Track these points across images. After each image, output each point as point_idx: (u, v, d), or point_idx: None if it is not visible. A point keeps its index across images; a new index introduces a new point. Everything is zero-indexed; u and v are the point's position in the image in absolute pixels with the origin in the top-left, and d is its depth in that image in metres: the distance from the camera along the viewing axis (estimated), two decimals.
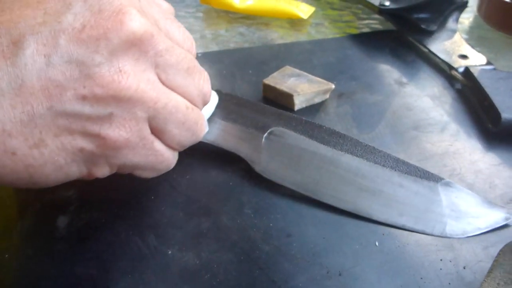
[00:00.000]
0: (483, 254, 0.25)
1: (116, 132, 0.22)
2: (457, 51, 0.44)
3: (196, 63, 0.25)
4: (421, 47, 0.46)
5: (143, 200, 0.29)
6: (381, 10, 0.49)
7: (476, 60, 0.42)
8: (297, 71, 0.39)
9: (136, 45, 0.21)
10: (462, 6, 0.50)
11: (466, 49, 0.44)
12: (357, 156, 0.30)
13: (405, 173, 0.29)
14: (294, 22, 0.54)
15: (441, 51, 0.44)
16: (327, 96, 0.39)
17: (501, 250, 0.23)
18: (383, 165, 0.29)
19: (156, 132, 0.24)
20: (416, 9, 0.47)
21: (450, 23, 0.48)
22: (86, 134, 0.21)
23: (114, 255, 0.26)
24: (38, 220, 0.28)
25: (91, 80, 0.20)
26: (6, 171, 0.20)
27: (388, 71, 0.43)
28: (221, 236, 0.27)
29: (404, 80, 0.42)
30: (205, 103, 0.27)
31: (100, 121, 0.21)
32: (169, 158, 0.26)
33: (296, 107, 0.37)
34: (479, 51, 0.43)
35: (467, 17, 0.54)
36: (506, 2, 0.48)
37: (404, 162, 0.30)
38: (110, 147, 0.22)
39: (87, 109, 0.20)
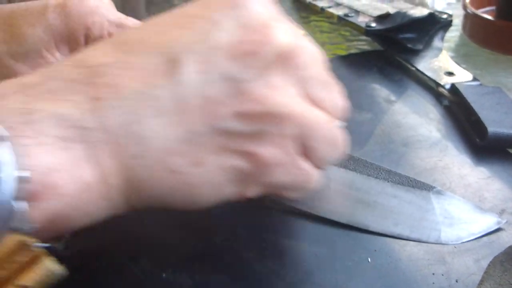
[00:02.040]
0: (475, 267, 0.26)
1: (268, 150, 0.21)
2: (444, 69, 0.44)
3: (331, 76, 0.24)
4: (408, 65, 0.47)
5: (137, 225, 0.29)
6: (368, 32, 0.50)
7: (462, 76, 0.43)
8: None
9: (284, 60, 0.21)
10: (447, 25, 0.51)
11: (452, 66, 0.45)
12: (350, 169, 0.30)
13: (397, 184, 0.30)
14: None
15: (428, 69, 0.45)
16: None
17: (491, 262, 0.23)
18: (376, 177, 0.30)
19: (303, 149, 0.23)
20: (401, 30, 0.48)
21: (436, 42, 0.49)
22: (242, 152, 0.21)
23: (108, 281, 0.26)
24: None
25: (246, 96, 0.20)
26: (166, 190, 0.20)
27: (377, 90, 0.44)
28: (214, 258, 0.27)
29: (393, 98, 0.42)
30: (341, 116, 0.26)
31: (254, 138, 0.21)
32: (315, 176, 0.24)
33: None
34: (465, 68, 0.44)
35: (453, 36, 0.55)
36: (489, 20, 0.50)
37: (396, 173, 0.30)
38: (263, 165, 0.22)
39: (243, 125, 0.20)
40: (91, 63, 0.20)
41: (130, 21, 0.29)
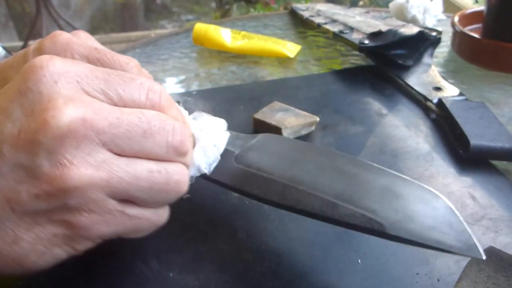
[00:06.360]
0: (455, 267, 0.28)
1: (78, 217, 0.23)
2: (432, 84, 0.47)
3: (158, 118, 0.24)
4: (399, 80, 0.50)
5: None
6: (361, 48, 0.53)
7: (450, 91, 0.46)
8: (284, 106, 0.43)
9: (69, 136, 0.21)
10: (436, 43, 0.54)
11: (440, 81, 0.48)
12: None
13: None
14: (282, 60, 0.58)
15: (417, 84, 0.48)
16: (313, 128, 0.42)
17: (468, 263, 0.26)
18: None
19: (125, 200, 0.24)
20: (393, 47, 0.51)
21: (426, 58, 0.52)
22: (53, 222, 0.23)
23: (120, 279, 0.28)
24: None
25: (38, 179, 0.21)
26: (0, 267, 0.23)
27: (369, 104, 0.46)
28: (217, 259, 0.29)
29: (384, 111, 0.45)
30: (181, 154, 0.25)
31: (60, 210, 0.22)
32: (152, 217, 0.26)
33: None
34: (452, 83, 0.47)
35: (442, 51, 0.58)
36: (476, 38, 0.53)
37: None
38: (79, 228, 0.23)
39: (43, 204, 0.22)
40: None
41: (104, 50, 0.29)
